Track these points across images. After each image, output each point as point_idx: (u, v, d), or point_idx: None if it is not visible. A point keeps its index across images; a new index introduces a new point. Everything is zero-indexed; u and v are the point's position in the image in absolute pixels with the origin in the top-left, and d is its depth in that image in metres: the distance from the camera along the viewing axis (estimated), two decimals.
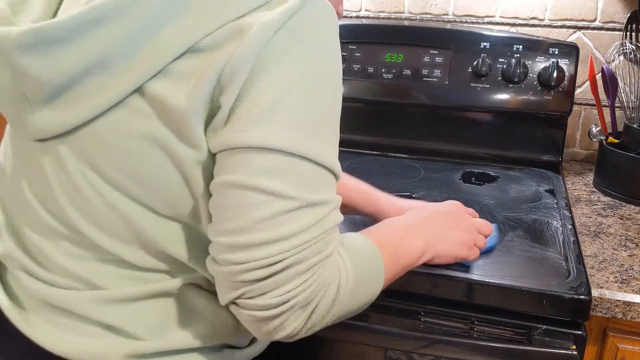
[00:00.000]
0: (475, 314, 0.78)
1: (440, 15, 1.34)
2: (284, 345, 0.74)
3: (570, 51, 1.17)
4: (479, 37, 1.21)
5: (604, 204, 1.07)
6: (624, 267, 0.83)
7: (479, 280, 0.76)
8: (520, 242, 0.87)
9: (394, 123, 1.30)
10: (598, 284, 0.78)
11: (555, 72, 1.14)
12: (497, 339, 0.77)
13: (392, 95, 1.24)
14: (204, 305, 0.62)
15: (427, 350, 0.79)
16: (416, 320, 0.80)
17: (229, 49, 0.49)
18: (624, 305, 0.76)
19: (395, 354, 0.81)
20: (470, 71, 1.19)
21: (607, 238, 0.92)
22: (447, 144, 1.28)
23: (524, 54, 1.18)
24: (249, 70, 0.49)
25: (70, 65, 0.50)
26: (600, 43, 1.26)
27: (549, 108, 1.18)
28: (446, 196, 1.03)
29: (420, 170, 1.18)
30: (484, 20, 1.32)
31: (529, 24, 1.29)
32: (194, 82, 0.49)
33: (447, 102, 1.21)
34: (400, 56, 1.24)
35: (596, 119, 1.29)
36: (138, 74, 0.50)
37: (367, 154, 1.28)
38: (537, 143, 1.23)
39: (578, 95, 1.30)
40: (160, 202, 0.55)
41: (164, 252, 0.58)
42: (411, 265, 0.69)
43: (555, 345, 0.75)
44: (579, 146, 1.34)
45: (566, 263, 0.81)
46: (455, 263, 0.77)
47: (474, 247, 0.77)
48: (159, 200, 0.55)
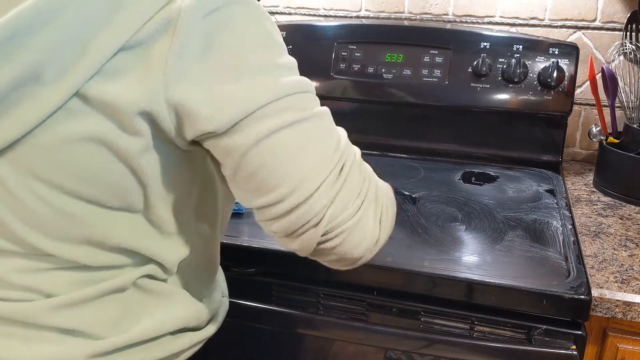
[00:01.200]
0: (475, 314, 0.78)
1: (440, 15, 1.34)
2: (284, 345, 0.74)
3: (570, 51, 1.17)
4: (479, 37, 1.21)
5: (604, 204, 1.07)
6: (624, 267, 0.83)
7: (479, 280, 0.76)
8: (520, 242, 0.87)
9: (394, 123, 1.30)
10: (598, 284, 0.78)
11: (555, 72, 1.14)
12: (497, 339, 0.77)
13: (392, 95, 1.24)
14: (159, 294, 0.62)
15: (427, 350, 0.79)
16: (416, 320, 0.80)
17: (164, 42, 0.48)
18: (624, 305, 0.76)
19: (395, 354, 0.81)
20: (470, 71, 1.19)
21: (607, 238, 0.92)
22: (447, 144, 1.28)
23: (524, 54, 1.18)
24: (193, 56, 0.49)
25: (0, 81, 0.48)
26: (600, 43, 1.26)
27: (549, 108, 1.18)
28: (446, 196, 1.04)
29: (420, 170, 1.18)
30: (484, 20, 1.32)
31: (529, 24, 1.29)
32: (136, 77, 0.49)
33: (447, 102, 1.21)
34: (400, 56, 1.24)
35: (596, 119, 1.29)
36: (74, 80, 0.48)
37: (367, 154, 1.27)
38: (537, 143, 1.23)
39: (578, 95, 1.30)
40: (110, 196, 0.55)
41: (118, 246, 0.58)
42: None
43: (555, 345, 0.75)
44: (579, 146, 1.34)
45: (566, 263, 0.81)
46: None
47: None
48: (109, 194, 0.54)
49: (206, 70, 0.50)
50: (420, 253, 0.83)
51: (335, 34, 1.28)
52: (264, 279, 0.85)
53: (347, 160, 0.57)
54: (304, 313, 0.83)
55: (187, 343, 0.64)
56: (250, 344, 0.88)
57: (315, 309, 0.83)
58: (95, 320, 0.59)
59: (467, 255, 0.83)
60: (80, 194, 0.54)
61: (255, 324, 0.85)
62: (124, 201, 0.55)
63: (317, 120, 0.55)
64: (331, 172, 0.55)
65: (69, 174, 0.52)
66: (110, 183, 0.53)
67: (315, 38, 1.29)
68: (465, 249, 0.85)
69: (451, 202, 1.01)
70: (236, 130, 0.52)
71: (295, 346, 0.86)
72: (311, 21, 1.35)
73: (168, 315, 0.62)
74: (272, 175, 0.53)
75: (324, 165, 0.54)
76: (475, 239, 0.88)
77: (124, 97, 0.49)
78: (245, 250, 0.83)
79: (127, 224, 0.57)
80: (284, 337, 0.86)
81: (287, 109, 0.53)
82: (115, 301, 0.59)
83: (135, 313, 0.61)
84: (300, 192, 0.53)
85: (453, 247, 0.85)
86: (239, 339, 0.88)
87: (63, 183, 0.53)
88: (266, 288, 0.85)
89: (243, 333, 0.87)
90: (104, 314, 0.59)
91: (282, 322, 0.84)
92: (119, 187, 0.54)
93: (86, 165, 0.52)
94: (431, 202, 1.01)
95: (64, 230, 0.55)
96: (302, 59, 1.28)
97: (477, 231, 0.90)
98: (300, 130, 0.54)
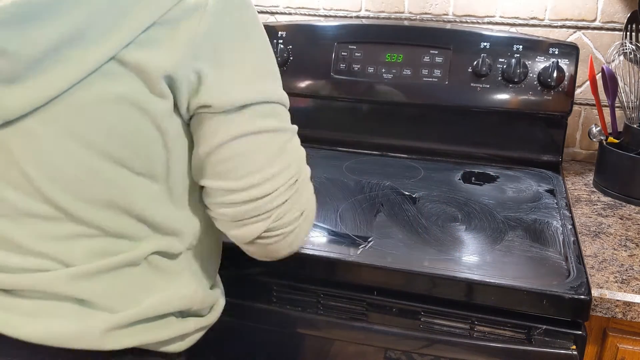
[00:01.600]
0: (475, 314, 0.78)
1: (440, 15, 1.34)
2: (284, 345, 0.74)
3: (570, 51, 1.17)
4: (479, 37, 1.21)
5: (604, 204, 1.07)
6: (624, 267, 0.83)
7: (479, 280, 0.76)
8: (520, 242, 0.87)
9: (394, 123, 1.30)
10: (598, 284, 0.78)
11: (555, 72, 1.14)
12: (497, 339, 0.77)
13: (392, 95, 1.24)
14: (169, 272, 0.66)
15: (427, 350, 0.79)
16: (416, 320, 0.80)
17: (194, 21, 0.55)
18: (624, 305, 0.76)
19: (395, 354, 0.81)
20: (470, 71, 1.19)
21: (607, 238, 0.92)
22: (447, 144, 1.28)
23: (524, 54, 1.18)
24: (216, 40, 0.57)
25: (47, 38, 0.52)
26: (600, 43, 1.26)
27: (549, 108, 1.18)
28: (446, 196, 1.04)
29: (420, 170, 1.18)
30: (484, 20, 1.32)
31: (529, 24, 1.29)
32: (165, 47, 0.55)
33: (447, 102, 1.21)
34: (400, 56, 1.24)
35: (596, 119, 1.29)
36: (113, 44, 0.53)
37: (367, 154, 1.28)
38: (537, 143, 1.23)
39: (578, 95, 1.30)
40: (137, 159, 0.59)
41: (138, 214, 0.61)
42: None
43: (555, 345, 0.75)
44: (579, 146, 1.34)
45: (566, 263, 0.81)
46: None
47: None
48: (136, 156, 0.59)
49: (227, 55, 0.58)
50: (420, 253, 0.83)
51: (335, 34, 1.28)
52: (264, 279, 0.85)
53: (301, 176, 0.66)
54: (304, 313, 0.83)
55: (192, 327, 0.68)
56: (250, 344, 0.88)
57: (315, 309, 0.83)
58: (110, 292, 0.62)
59: (467, 255, 0.83)
60: (110, 154, 0.57)
61: (255, 324, 0.85)
62: (149, 165, 0.60)
63: (291, 135, 0.65)
64: (288, 180, 0.63)
65: (101, 132, 0.56)
66: (139, 144, 0.58)
67: (315, 38, 1.29)
68: (465, 249, 0.85)
69: (451, 202, 1.01)
70: (235, 114, 0.59)
71: (295, 346, 0.86)
72: (311, 21, 1.35)
73: (175, 293, 0.66)
74: (245, 167, 0.61)
75: (286, 173, 0.63)
76: (475, 239, 0.88)
77: (154, 62, 0.55)
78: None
79: (148, 191, 0.61)
80: (284, 337, 0.86)
81: (276, 115, 0.63)
82: (128, 275, 0.63)
83: (145, 288, 0.64)
84: (262, 188, 0.61)
85: (453, 247, 0.85)
86: (239, 339, 0.88)
87: (95, 141, 0.57)
88: (266, 288, 0.85)
89: (243, 333, 0.87)
90: (119, 286, 0.62)
91: (282, 322, 0.84)
92: (146, 149, 0.59)
93: (118, 125, 0.56)
94: (431, 202, 1.01)
95: (89, 191, 0.58)
96: (302, 59, 1.29)
97: (477, 231, 0.90)
98: (279, 137, 0.63)
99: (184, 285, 0.67)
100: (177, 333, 0.66)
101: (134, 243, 0.63)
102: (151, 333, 0.64)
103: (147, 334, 0.64)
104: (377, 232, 0.88)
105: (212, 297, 0.72)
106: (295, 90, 1.30)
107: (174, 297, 0.66)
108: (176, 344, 0.68)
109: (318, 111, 1.35)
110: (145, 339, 0.63)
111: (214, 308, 0.73)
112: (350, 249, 0.83)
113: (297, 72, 1.29)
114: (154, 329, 0.64)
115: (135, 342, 0.63)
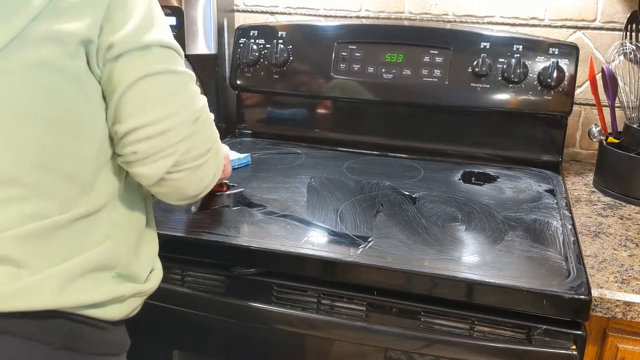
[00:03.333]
0: (475, 314, 0.78)
1: (440, 15, 1.34)
2: (284, 345, 0.74)
3: (570, 51, 1.17)
4: (479, 37, 1.21)
5: (604, 204, 1.07)
6: (624, 267, 0.83)
7: (479, 280, 0.76)
8: (520, 242, 0.87)
9: (394, 123, 1.30)
10: (598, 284, 0.78)
11: (555, 72, 1.14)
12: (497, 339, 0.77)
13: (392, 95, 1.24)
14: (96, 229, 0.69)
15: (427, 350, 0.79)
16: (416, 320, 0.80)
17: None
18: (624, 305, 0.76)
19: (395, 354, 0.81)
20: (470, 71, 1.19)
21: (607, 238, 0.92)
22: (447, 144, 1.28)
23: (524, 54, 1.18)
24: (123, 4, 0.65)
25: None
26: (600, 43, 1.26)
27: (549, 108, 1.18)
28: (446, 196, 1.04)
29: (420, 170, 1.18)
30: (484, 20, 1.32)
31: (529, 24, 1.29)
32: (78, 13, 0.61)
33: (447, 102, 1.21)
34: (400, 56, 1.24)
35: (596, 119, 1.29)
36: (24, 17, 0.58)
37: (367, 154, 1.28)
38: (537, 143, 1.23)
39: (578, 95, 1.30)
40: (64, 117, 0.63)
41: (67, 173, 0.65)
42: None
43: (555, 345, 0.75)
44: (579, 146, 1.34)
45: (566, 263, 0.81)
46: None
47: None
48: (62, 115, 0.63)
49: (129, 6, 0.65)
50: (420, 253, 0.83)
51: (335, 34, 1.28)
52: (264, 279, 0.85)
53: (202, 116, 0.72)
54: (304, 313, 0.83)
55: (129, 291, 0.71)
56: (250, 344, 0.88)
57: (315, 309, 0.83)
58: (39, 254, 0.63)
59: (467, 255, 0.83)
60: (37, 115, 0.61)
61: (255, 324, 0.85)
62: (75, 122, 0.64)
63: (190, 78, 0.71)
64: (190, 116, 0.69)
65: (27, 96, 0.61)
66: (63, 103, 0.63)
67: (315, 38, 1.29)
68: (465, 249, 0.85)
69: (451, 202, 1.01)
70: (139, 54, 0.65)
71: (295, 346, 0.86)
72: (311, 21, 1.35)
73: (100, 250, 0.68)
74: (149, 103, 0.67)
75: (187, 109, 0.69)
76: (475, 239, 0.88)
77: (69, 29, 0.61)
78: (245, 250, 0.83)
79: (74, 149, 0.65)
80: (284, 337, 0.86)
81: (176, 60, 0.69)
82: (58, 235, 0.65)
83: (74, 247, 0.66)
84: (166, 122, 0.67)
85: (453, 247, 0.85)
86: (239, 339, 0.88)
87: (22, 104, 0.61)
88: (266, 288, 0.85)
89: (243, 333, 0.87)
90: (47, 248, 0.64)
91: (282, 322, 0.84)
92: (71, 107, 0.64)
93: (41, 87, 0.61)
94: (431, 202, 1.01)
95: (21, 153, 0.61)
96: (302, 59, 1.29)
97: (477, 231, 0.90)
98: (180, 78, 0.70)
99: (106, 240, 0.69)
100: (112, 295, 0.68)
101: (64, 204, 0.65)
102: (86, 294, 0.65)
103: (81, 295, 0.65)
104: (377, 232, 0.88)
105: (142, 261, 0.75)
106: (295, 90, 1.30)
107: (99, 252, 0.68)
108: (114, 308, 0.69)
109: (318, 111, 1.35)
110: (79, 299, 0.65)
111: (150, 277, 0.76)
112: (350, 249, 0.83)
113: (297, 72, 1.29)
114: (88, 290, 0.66)
115: (70, 302, 0.64)
